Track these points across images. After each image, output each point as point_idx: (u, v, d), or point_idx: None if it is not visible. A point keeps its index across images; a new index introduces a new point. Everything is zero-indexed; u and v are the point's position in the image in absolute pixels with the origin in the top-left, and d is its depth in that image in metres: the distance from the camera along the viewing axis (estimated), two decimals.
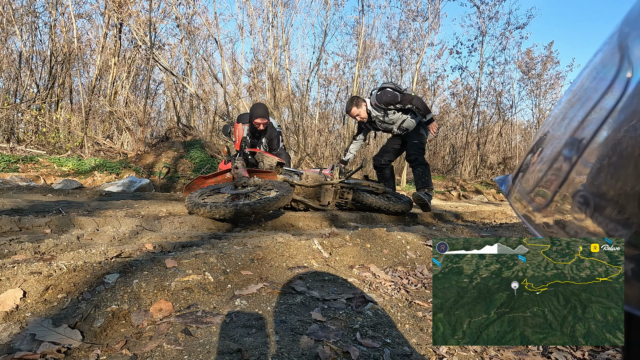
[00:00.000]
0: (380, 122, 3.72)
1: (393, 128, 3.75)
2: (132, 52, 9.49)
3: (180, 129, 8.10)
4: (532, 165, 0.37)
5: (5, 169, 5.25)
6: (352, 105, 3.65)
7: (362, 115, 3.65)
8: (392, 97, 3.47)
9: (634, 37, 0.27)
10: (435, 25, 11.93)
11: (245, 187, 2.67)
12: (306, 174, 3.28)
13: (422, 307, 1.18)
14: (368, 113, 3.66)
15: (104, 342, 0.84)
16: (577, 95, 0.33)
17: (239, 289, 1.16)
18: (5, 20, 7.95)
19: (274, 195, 2.35)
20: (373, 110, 3.63)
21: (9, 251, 1.33)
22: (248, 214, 2.21)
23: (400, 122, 3.69)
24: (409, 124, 3.68)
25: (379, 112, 3.61)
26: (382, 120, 3.67)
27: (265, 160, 3.22)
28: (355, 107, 3.63)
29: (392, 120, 3.65)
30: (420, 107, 3.44)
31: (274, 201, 2.28)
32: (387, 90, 3.51)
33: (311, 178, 3.24)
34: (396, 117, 3.64)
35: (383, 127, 3.78)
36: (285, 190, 2.46)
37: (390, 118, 3.64)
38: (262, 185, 2.68)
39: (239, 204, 2.22)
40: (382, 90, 3.54)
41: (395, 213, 3.36)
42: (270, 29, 10.29)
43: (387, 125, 3.73)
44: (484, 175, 13.20)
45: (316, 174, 3.28)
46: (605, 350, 1.01)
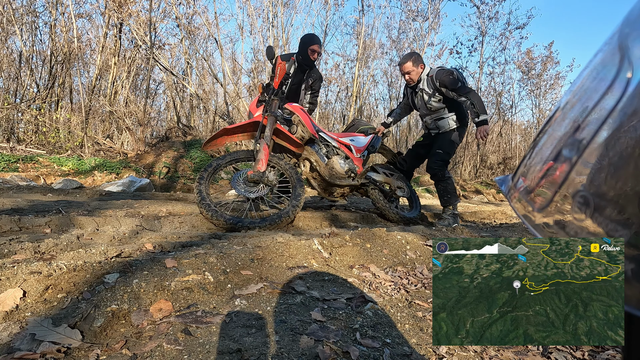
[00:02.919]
0: (420, 100, 3.26)
1: (427, 119, 3.32)
2: (132, 52, 9.49)
3: (180, 129, 8.10)
4: (532, 166, 0.37)
5: (5, 168, 5.25)
6: (409, 60, 3.15)
7: (412, 76, 3.17)
8: (451, 81, 3.01)
9: (634, 37, 0.27)
10: (435, 25, 11.95)
11: (258, 185, 2.36)
12: (332, 162, 2.87)
13: (422, 307, 1.19)
14: (419, 80, 3.19)
15: (104, 342, 0.84)
16: (577, 96, 0.33)
17: (239, 289, 1.16)
18: (6, 19, 7.95)
19: (284, 211, 2.26)
20: (424, 81, 3.17)
21: (9, 251, 1.33)
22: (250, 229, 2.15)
23: (436, 117, 3.25)
24: (443, 125, 3.25)
25: (428, 87, 3.16)
26: (423, 99, 3.21)
27: (300, 128, 2.74)
28: (412, 63, 3.14)
29: (432, 107, 3.20)
30: (476, 104, 2.95)
31: (283, 218, 2.22)
32: (450, 71, 3.07)
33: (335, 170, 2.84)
34: (437, 106, 3.18)
35: (419, 108, 3.32)
36: (297, 201, 2.33)
37: (431, 103, 3.18)
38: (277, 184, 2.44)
39: (245, 221, 2.16)
40: (445, 69, 3.10)
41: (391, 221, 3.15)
42: (270, 29, 10.30)
43: (423, 109, 3.27)
44: (484, 175, 13.20)
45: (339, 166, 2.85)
46: (605, 350, 1.01)
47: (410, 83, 3.25)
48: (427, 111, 3.27)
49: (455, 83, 3.01)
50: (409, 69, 3.17)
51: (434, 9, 11.79)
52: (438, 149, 3.24)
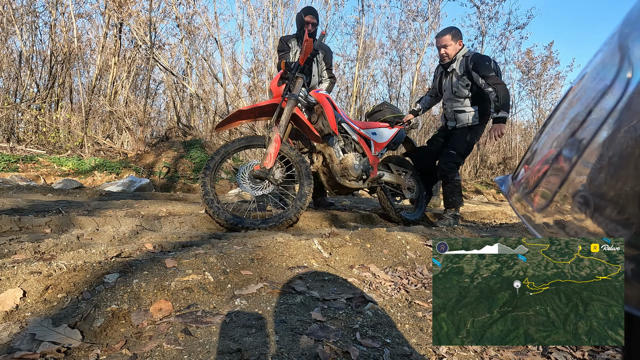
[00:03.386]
0: (448, 82, 3.04)
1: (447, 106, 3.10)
2: (132, 51, 9.49)
3: (180, 129, 8.09)
4: (532, 166, 0.37)
5: (5, 168, 5.24)
6: (448, 33, 2.94)
7: (449, 51, 2.95)
8: (484, 67, 2.82)
9: (634, 37, 0.27)
10: (435, 25, 11.95)
11: (263, 181, 2.22)
12: (346, 160, 2.65)
13: (422, 307, 1.19)
14: (454, 59, 2.97)
15: (104, 342, 0.84)
16: (577, 96, 0.33)
17: (239, 289, 1.16)
18: (6, 19, 7.95)
19: (286, 213, 2.20)
20: (459, 60, 2.96)
21: (9, 251, 1.33)
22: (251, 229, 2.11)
23: (457, 108, 3.03)
24: (462, 119, 3.03)
25: (460, 68, 2.95)
26: (452, 81, 3.00)
27: (322, 120, 2.52)
28: (451, 37, 2.92)
29: (457, 92, 2.98)
30: (501, 98, 2.76)
31: (284, 220, 2.17)
32: (487, 57, 2.88)
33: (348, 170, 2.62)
34: (463, 93, 2.97)
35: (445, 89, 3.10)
36: (301, 202, 2.23)
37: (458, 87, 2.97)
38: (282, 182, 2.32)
39: (245, 222, 2.13)
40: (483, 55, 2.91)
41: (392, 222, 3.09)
42: (270, 29, 10.30)
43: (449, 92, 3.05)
44: (484, 175, 13.20)
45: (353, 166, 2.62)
46: (605, 350, 1.01)
47: (445, 59, 3.01)
48: (451, 95, 3.05)
49: (487, 70, 2.83)
50: (446, 42, 2.94)
51: (434, 9, 11.79)
52: (452, 149, 3.02)
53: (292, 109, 2.32)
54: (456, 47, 2.95)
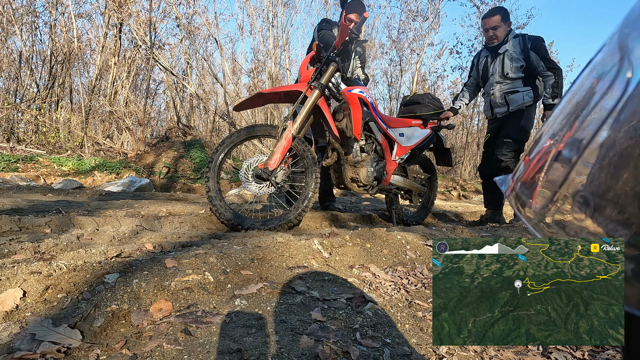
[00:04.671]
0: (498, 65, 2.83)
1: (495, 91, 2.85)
2: (132, 52, 9.48)
3: (180, 129, 8.10)
4: (532, 166, 0.37)
5: (5, 168, 5.24)
6: (497, 13, 2.75)
7: (498, 33, 2.77)
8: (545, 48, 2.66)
9: (634, 37, 0.27)
10: (435, 25, 11.95)
11: (269, 178, 2.10)
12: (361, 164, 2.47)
13: (422, 307, 1.19)
14: (505, 40, 2.77)
15: (104, 342, 0.84)
16: (577, 95, 0.33)
17: (239, 289, 1.16)
18: (5, 19, 7.95)
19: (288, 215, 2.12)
20: (511, 42, 2.76)
21: (9, 251, 1.33)
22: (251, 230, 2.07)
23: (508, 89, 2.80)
24: (516, 99, 2.80)
25: (514, 48, 2.74)
26: (503, 63, 2.79)
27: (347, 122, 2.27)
28: (501, 18, 2.74)
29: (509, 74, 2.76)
30: (560, 84, 2.59)
31: (284, 223, 2.12)
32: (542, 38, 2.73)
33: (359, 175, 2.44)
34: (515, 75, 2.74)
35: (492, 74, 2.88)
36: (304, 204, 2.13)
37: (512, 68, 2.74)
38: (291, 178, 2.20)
39: (245, 223, 2.09)
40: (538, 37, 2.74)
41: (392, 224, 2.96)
42: (270, 29, 10.29)
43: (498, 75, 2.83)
44: None
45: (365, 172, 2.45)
46: (605, 350, 1.01)
47: (493, 42, 2.82)
48: (502, 78, 2.83)
49: (546, 52, 2.69)
50: (496, 24, 2.75)
51: (434, 9, 11.78)
52: (506, 138, 2.76)
53: (315, 100, 2.11)
54: (506, 29, 2.78)
